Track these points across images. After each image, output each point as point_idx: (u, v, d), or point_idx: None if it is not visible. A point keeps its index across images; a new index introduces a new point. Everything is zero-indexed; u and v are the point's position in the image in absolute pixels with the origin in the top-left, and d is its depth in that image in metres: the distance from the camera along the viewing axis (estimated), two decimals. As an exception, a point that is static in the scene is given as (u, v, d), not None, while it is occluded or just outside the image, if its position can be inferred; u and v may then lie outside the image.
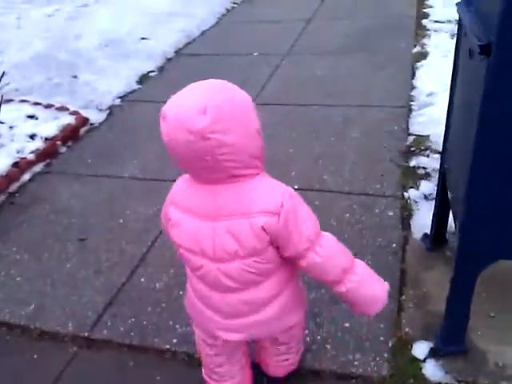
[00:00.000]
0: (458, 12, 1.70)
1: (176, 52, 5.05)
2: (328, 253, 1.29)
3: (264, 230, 1.22)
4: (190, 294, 1.49)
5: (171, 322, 2.03)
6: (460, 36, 1.77)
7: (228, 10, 6.37)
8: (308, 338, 1.87)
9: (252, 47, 5.04)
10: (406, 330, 1.86)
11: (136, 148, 3.39)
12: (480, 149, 1.38)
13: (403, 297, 2.01)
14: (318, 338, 1.87)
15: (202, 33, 5.60)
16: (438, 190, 2.15)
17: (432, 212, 2.31)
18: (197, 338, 1.60)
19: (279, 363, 1.66)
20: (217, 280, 1.32)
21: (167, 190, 2.96)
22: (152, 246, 2.47)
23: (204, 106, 1.10)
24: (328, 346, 1.84)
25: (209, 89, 1.18)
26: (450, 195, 1.86)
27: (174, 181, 2.90)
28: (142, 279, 2.27)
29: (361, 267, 1.35)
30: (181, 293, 2.16)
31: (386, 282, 1.40)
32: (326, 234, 1.32)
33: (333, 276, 1.31)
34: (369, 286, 1.35)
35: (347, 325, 1.91)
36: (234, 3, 6.64)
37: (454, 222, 1.72)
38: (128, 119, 3.83)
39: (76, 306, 2.17)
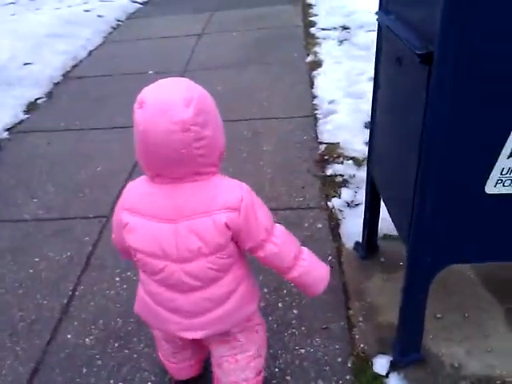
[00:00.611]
0: (379, 20, 1.70)
1: (63, 75, 4.73)
2: (282, 242, 1.38)
3: (227, 225, 1.26)
4: (142, 299, 1.48)
5: (112, 381, 1.81)
6: (380, 43, 1.77)
7: (114, 28, 6.13)
8: (266, 374, 1.76)
9: (145, 65, 4.86)
10: (361, 346, 1.83)
11: (33, 185, 3.08)
12: (426, 156, 1.37)
13: (351, 311, 1.98)
14: (276, 370, 1.78)
15: (89, 53, 5.33)
16: (366, 198, 2.16)
17: (362, 219, 2.32)
18: (155, 333, 1.65)
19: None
20: (179, 281, 1.34)
21: (77, 228, 2.72)
22: (73, 296, 2.22)
23: (191, 97, 1.15)
24: (288, 378, 1.75)
25: (188, 83, 1.23)
26: (386, 204, 1.87)
27: (84, 217, 2.72)
28: (69, 335, 2.02)
29: (306, 253, 1.46)
30: (116, 345, 1.96)
31: (326, 265, 1.54)
32: (277, 224, 1.40)
33: (286, 263, 1.41)
34: (315, 269, 1.49)
35: (302, 351, 1.84)
36: (119, 21, 6.39)
37: (399, 232, 1.72)
38: (19, 153, 3.48)
39: (-7, 380, 1.88)
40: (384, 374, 1.71)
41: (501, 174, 1.38)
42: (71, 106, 4.16)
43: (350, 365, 1.77)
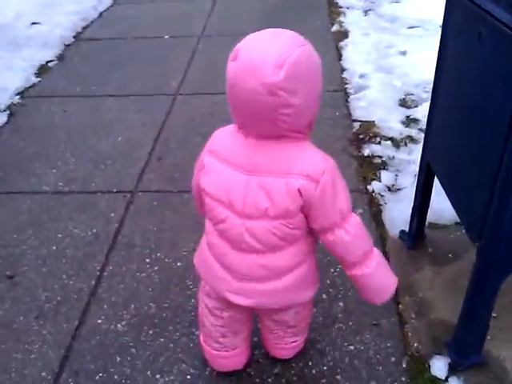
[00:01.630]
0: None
1: (74, 37, 4.47)
2: (355, 232, 1.29)
3: (300, 192, 1.20)
4: (202, 251, 1.45)
5: (149, 373, 1.70)
6: (451, 12, 1.60)
7: (124, -12, 5.79)
8: (314, 371, 1.66)
9: (159, 29, 4.62)
10: (415, 345, 1.72)
11: (51, 154, 2.91)
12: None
13: (401, 306, 1.87)
14: (325, 368, 1.67)
15: (100, 14, 5.05)
16: (418, 183, 2.02)
17: (404, 206, 2.21)
18: (201, 308, 1.56)
19: (287, 345, 1.62)
20: (239, 237, 1.29)
21: (101, 203, 2.58)
22: (101, 277, 2.09)
23: (283, 59, 1.07)
24: (338, 377, 1.64)
25: (290, 40, 1.13)
26: (449, 196, 1.72)
27: (107, 191, 2.58)
28: (99, 320, 1.90)
29: (378, 255, 1.36)
30: (151, 332, 1.85)
31: (395, 277, 1.42)
32: (354, 214, 1.31)
33: (354, 257, 1.31)
34: (382, 275, 1.38)
35: (351, 348, 1.73)
36: (130, -21, 6.06)
37: (467, 228, 1.59)
38: (33, 120, 3.28)
39: (23, 366, 1.75)
40: (443, 377, 1.61)
41: None
42: (85, 69, 3.94)
43: (404, 365, 1.66)
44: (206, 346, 1.62)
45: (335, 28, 4.38)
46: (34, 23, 4.47)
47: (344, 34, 4.20)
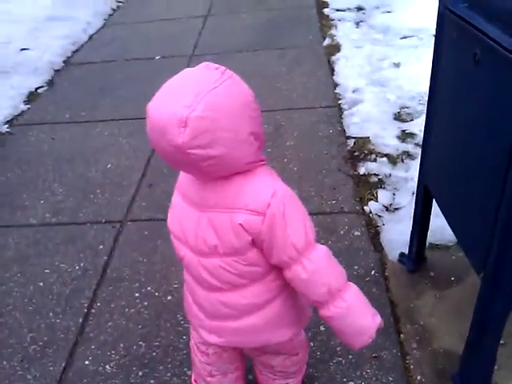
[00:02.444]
0: (446, 6, 1.45)
1: (64, 62, 4.43)
2: (315, 269, 1.15)
3: (243, 228, 1.11)
4: (184, 287, 1.40)
5: (138, 418, 1.62)
6: (444, 33, 1.53)
7: (114, 10, 5.80)
8: (312, 410, 1.57)
9: (151, 50, 4.58)
10: (418, 378, 1.63)
11: (39, 184, 2.84)
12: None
13: (402, 336, 1.77)
14: (324, 407, 1.58)
15: (90, 37, 5.02)
16: (416, 207, 1.94)
17: (403, 226, 2.13)
18: (191, 343, 1.49)
19: None
20: (199, 274, 1.23)
21: (90, 235, 2.49)
22: (89, 314, 2.00)
23: (185, 117, 0.97)
24: (338, 417, 1.55)
25: (198, 85, 1.01)
26: (449, 223, 1.63)
27: (96, 222, 2.51)
28: (87, 362, 1.82)
29: (352, 293, 1.20)
30: (140, 373, 1.76)
31: (378, 316, 1.26)
32: (321, 246, 1.18)
33: (316, 296, 1.18)
34: (356, 316, 1.21)
35: (352, 383, 1.64)
36: (119, 1, 6.06)
37: (469, 256, 1.50)
38: (22, 149, 3.22)
39: (5, 416, 1.67)
40: (449, 413, 1.51)
41: None
42: (75, 95, 3.89)
43: (408, 402, 1.57)
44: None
45: (327, 42, 4.32)
46: (23, 49, 4.44)
47: (336, 48, 4.14)
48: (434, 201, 1.84)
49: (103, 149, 3.12)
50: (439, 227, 2.08)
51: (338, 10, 5.08)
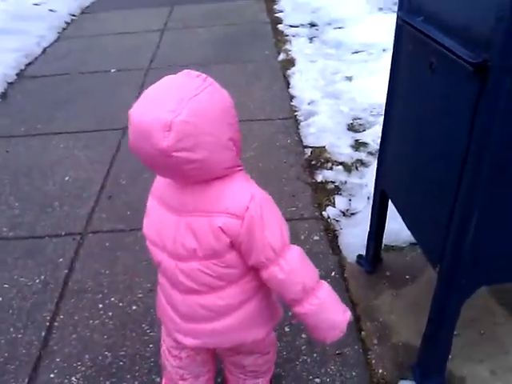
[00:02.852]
0: (402, 20, 1.56)
1: (17, 74, 4.35)
2: (291, 269, 1.20)
3: (223, 230, 1.15)
4: (158, 292, 1.42)
5: (106, 427, 1.61)
6: (402, 44, 1.63)
7: (68, 24, 5.75)
8: (280, 409, 1.62)
9: (106, 63, 4.56)
10: (380, 371, 1.71)
11: (-6, 198, 2.78)
12: (471, 179, 1.24)
13: (363, 333, 1.85)
14: (291, 404, 1.62)
15: (44, 50, 4.95)
16: (373, 210, 2.03)
17: (360, 230, 2.22)
18: (162, 349, 1.51)
19: None
20: (175, 278, 1.26)
21: (49, 248, 2.46)
22: (51, 328, 1.98)
23: (170, 121, 1.00)
24: (305, 413, 1.60)
25: (181, 91, 1.05)
26: (406, 222, 1.73)
27: (55, 235, 2.48)
28: (52, 375, 1.79)
29: (324, 290, 1.27)
30: (107, 383, 1.75)
31: (348, 311, 1.32)
32: (294, 247, 1.23)
33: (293, 295, 1.23)
34: (329, 312, 1.28)
35: (317, 381, 1.70)
36: (73, 15, 6.01)
37: (425, 252, 1.59)
38: (-26, 163, 3.15)
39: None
40: (409, 402, 1.59)
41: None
42: (29, 108, 3.83)
43: (370, 394, 1.64)
44: None
45: (282, 56, 4.44)
46: (-27, 62, 4.34)
47: (291, 62, 4.26)
48: (388, 205, 1.95)
49: (60, 161, 3.09)
50: (394, 230, 2.18)
51: (291, 26, 5.23)
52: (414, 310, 1.90)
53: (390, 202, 1.91)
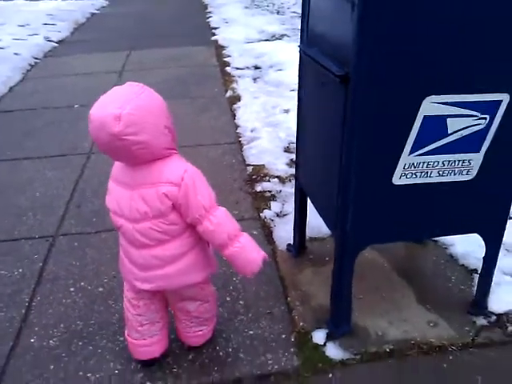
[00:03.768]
0: (301, 51, 2.12)
1: (-14, 110, 4.73)
2: (218, 221, 1.66)
3: (166, 196, 1.59)
4: (120, 253, 1.83)
5: (81, 373, 1.98)
6: (303, 70, 2.19)
7: (32, 66, 6.19)
8: (221, 353, 2.03)
9: (69, 100, 5.01)
10: (301, 324, 2.16)
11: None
12: (346, 160, 1.76)
13: (289, 298, 2.31)
14: (230, 350, 2.05)
15: (10, 89, 5.35)
16: (295, 205, 2.53)
17: (291, 226, 2.69)
18: (124, 304, 1.90)
19: (195, 333, 1.99)
20: (133, 237, 1.69)
21: (25, 248, 2.85)
22: (30, 307, 2.33)
23: (119, 113, 1.45)
24: (241, 355, 2.02)
25: (126, 95, 1.52)
26: (314, 204, 2.24)
27: (30, 238, 2.84)
28: (32, 340, 2.15)
29: (244, 238, 1.72)
30: (80, 343, 2.12)
31: (263, 252, 1.77)
32: (220, 207, 1.69)
33: (220, 240, 1.68)
34: (249, 252, 1.72)
35: (251, 332, 2.13)
36: (36, 58, 6.46)
37: (327, 223, 2.10)
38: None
39: (-39, 385, 1.95)
40: (322, 343, 2.04)
41: (403, 168, 1.80)
42: (-1, 138, 4.21)
43: (293, 339, 2.08)
44: (128, 338, 1.94)
45: (229, 94, 5.02)
46: None
47: (237, 98, 4.84)
48: (309, 205, 2.45)
49: (31, 181, 3.47)
50: (317, 225, 2.67)
51: (238, 69, 5.86)
52: (329, 282, 2.35)
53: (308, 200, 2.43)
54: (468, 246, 2.52)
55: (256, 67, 5.89)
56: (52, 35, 7.96)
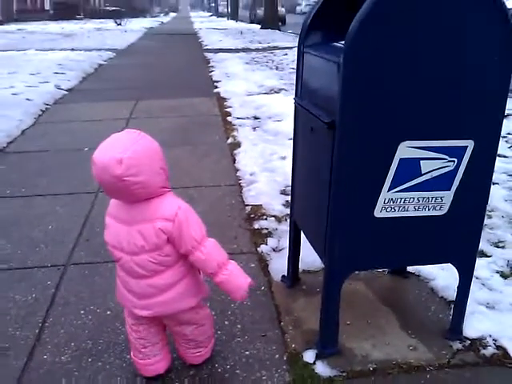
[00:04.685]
0: (296, 102, 2.43)
1: (1, 150, 5.02)
2: (208, 252, 1.84)
3: (162, 230, 1.77)
4: (117, 283, 2.02)
5: (91, 386, 2.16)
6: (297, 118, 2.49)
7: (43, 111, 6.56)
8: (220, 369, 2.22)
9: (80, 143, 5.33)
10: (293, 345, 2.35)
11: (-13, 243, 3.34)
12: (335, 197, 2.03)
13: (282, 323, 2.51)
14: (228, 367, 2.23)
15: (23, 132, 5.68)
16: (290, 239, 2.78)
17: (286, 259, 2.93)
18: (127, 329, 2.10)
19: (193, 355, 2.17)
20: (131, 268, 1.88)
21: (38, 275, 3.07)
22: (43, 327, 2.53)
23: (120, 158, 1.65)
24: (238, 371, 2.21)
25: (125, 141, 1.72)
26: (307, 237, 2.49)
27: (43, 267, 3.05)
28: (45, 356, 2.34)
29: (231, 266, 1.91)
30: (90, 360, 2.31)
31: (249, 278, 1.95)
32: (211, 239, 1.89)
33: (210, 269, 1.87)
34: (236, 278, 1.91)
35: (247, 353, 2.32)
36: (47, 104, 6.84)
37: (318, 253, 2.34)
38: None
39: (-20, 394, 2.13)
40: (312, 361, 2.24)
41: (383, 203, 2.07)
42: (14, 176, 4.48)
43: (285, 358, 2.28)
44: (134, 358, 2.14)
45: (230, 140, 5.36)
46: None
47: (237, 145, 5.17)
48: (302, 240, 2.69)
49: (43, 216, 3.72)
50: (310, 259, 2.91)
51: (238, 118, 6.24)
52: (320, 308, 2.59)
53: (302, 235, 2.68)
54: (448, 280, 2.75)
55: (255, 117, 6.27)
56: (62, 83, 8.43)
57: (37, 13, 34.29)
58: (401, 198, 2.08)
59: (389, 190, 2.05)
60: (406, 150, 1.99)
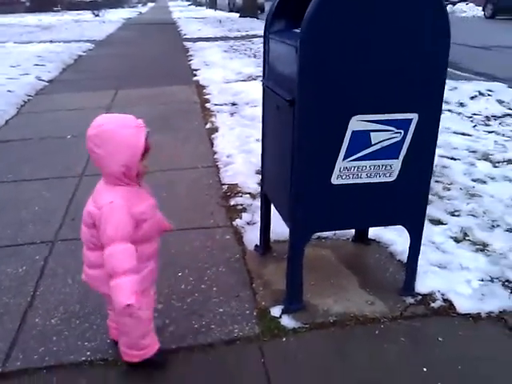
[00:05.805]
0: (264, 84, 2.67)
1: (-14, 139, 5.19)
2: (110, 254, 1.87)
3: (90, 214, 1.93)
4: None
5: (79, 343, 2.39)
6: (265, 98, 2.73)
7: (25, 102, 6.69)
8: (196, 326, 2.47)
9: (63, 131, 5.49)
10: (262, 303, 2.61)
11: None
12: (296, 166, 2.28)
13: (254, 285, 2.77)
14: (204, 323, 2.48)
15: (6, 122, 5.82)
16: (261, 209, 3.03)
17: (258, 231, 3.18)
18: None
19: (120, 346, 2.20)
20: (84, 238, 2.04)
21: (28, 251, 3.31)
22: (34, 296, 2.74)
23: (99, 124, 1.89)
24: (213, 326, 2.47)
25: (116, 120, 1.96)
26: (275, 206, 2.74)
27: (32, 243, 3.24)
28: (37, 319, 2.56)
29: (124, 280, 1.85)
30: (77, 321, 2.54)
31: (130, 300, 1.84)
32: (124, 245, 1.87)
33: (107, 271, 1.90)
34: (117, 293, 1.86)
35: (221, 310, 2.57)
36: (29, 95, 6.97)
37: (284, 218, 2.59)
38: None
39: (-21, 352, 2.35)
40: (278, 315, 2.50)
41: (339, 171, 2.32)
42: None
43: (255, 314, 2.54)
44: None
45: (208, 126, 5.57)
46: None
47: (215, 130, 5.39)
48: (272, 213, 2.94)
49: (30, 199, 3.91)
50: (280, 231, 3.15)
51: (216, 105, 6.45)
52: (288, 272, 2.85)
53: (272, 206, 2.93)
54: (405, 245, 2.98)
55: (233, 104, 6.49)
56: (42, 75, 8.54)
57: (13, 5, 33.85)
58: (354, 167, 2.33)
59: (343, 160, 2.31)
60: (357, 123, 2.24)
